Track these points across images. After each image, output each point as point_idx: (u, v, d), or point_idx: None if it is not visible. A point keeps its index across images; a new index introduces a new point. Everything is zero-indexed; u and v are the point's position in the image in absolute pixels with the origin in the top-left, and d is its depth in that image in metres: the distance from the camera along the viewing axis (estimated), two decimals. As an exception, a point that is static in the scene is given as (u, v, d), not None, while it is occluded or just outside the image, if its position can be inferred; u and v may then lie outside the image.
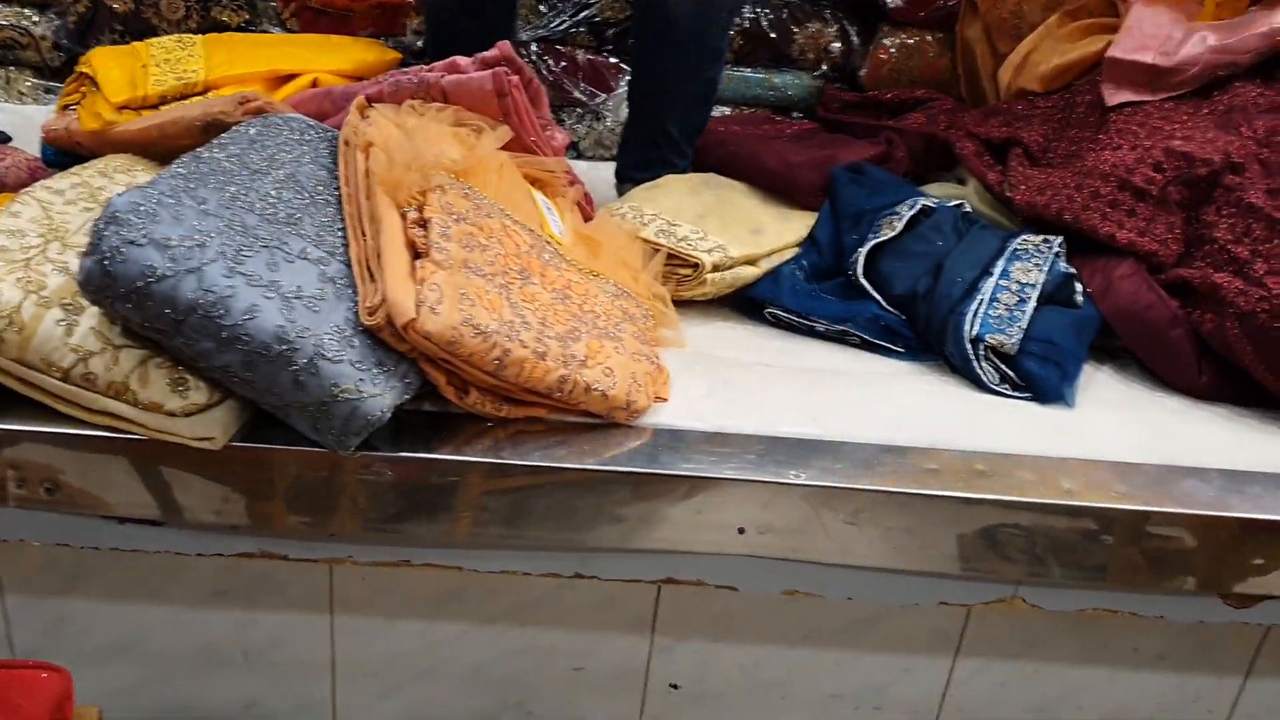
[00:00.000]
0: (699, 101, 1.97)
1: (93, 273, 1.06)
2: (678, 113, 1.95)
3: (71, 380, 1.12)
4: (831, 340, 1.59)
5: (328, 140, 1.43)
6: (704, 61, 1.92)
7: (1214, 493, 1.29)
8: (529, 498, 1.23)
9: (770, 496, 1.22)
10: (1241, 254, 1.48)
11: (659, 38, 1.88)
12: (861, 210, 1.73)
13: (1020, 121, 1.89)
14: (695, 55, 1.90)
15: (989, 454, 1.32)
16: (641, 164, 1.99)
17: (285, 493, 1.21)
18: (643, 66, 1.97)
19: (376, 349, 1.16)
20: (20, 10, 2.38)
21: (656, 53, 1.91)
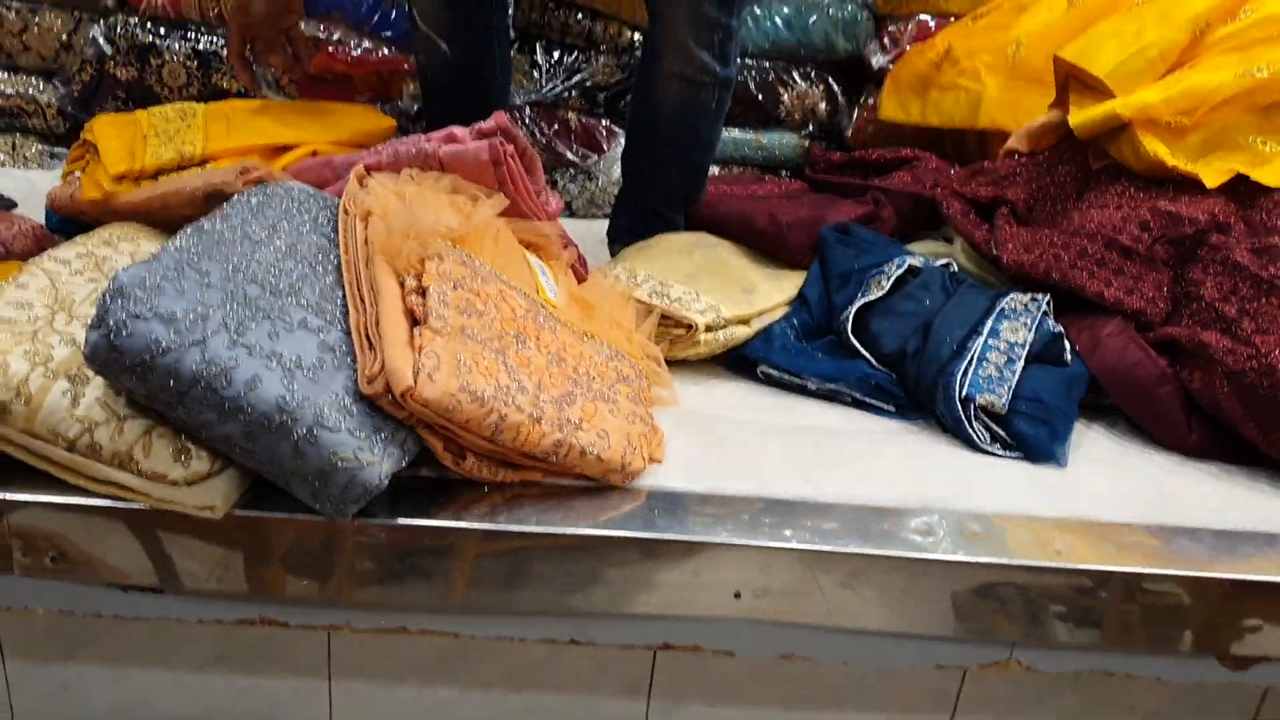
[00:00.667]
0: (688, 182, 2.02)
1: (98, 346, 1.08)
2: (665, 191, 1.99)
3: (77, 450, 1.14)
4: (823, 398, 1.61)
5: (328, 209, 1.46)
6: (693, 149, 1.97)
7: (1206, 553, 1.30)
8: (525, 563, 1.24)
9: (766, 560, 1.23)
10: (1229, 312, 1.50)
11: (648, 123, 1.92)
12: (850, 270, 1.76)
13: (1006, 180, 1.92)
14: (683, 143, 1.94)
15: (982, 514, 1.34)
16: (632, 230, 2.02)
17: (285, 560, 1.22)
18: (635, 146, 2.01)
19: (374, 416, 1.18)
20: (26, 78, 2.43)
21: (646, 136, 1.95)
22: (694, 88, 1.86)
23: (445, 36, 1.92)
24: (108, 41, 2.37)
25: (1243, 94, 1.71)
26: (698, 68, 1.83)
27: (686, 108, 1.89)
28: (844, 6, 2.34)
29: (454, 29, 1.92)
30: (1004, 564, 1.26)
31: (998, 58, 2.18)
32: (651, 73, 1.88)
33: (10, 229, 1.65)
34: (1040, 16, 2.15)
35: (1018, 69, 2.16)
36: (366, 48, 2.32)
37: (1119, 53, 1.80)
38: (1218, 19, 1.81)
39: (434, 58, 1.96)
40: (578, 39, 2.35)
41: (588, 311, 1.55)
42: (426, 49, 1.96)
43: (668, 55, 1.83)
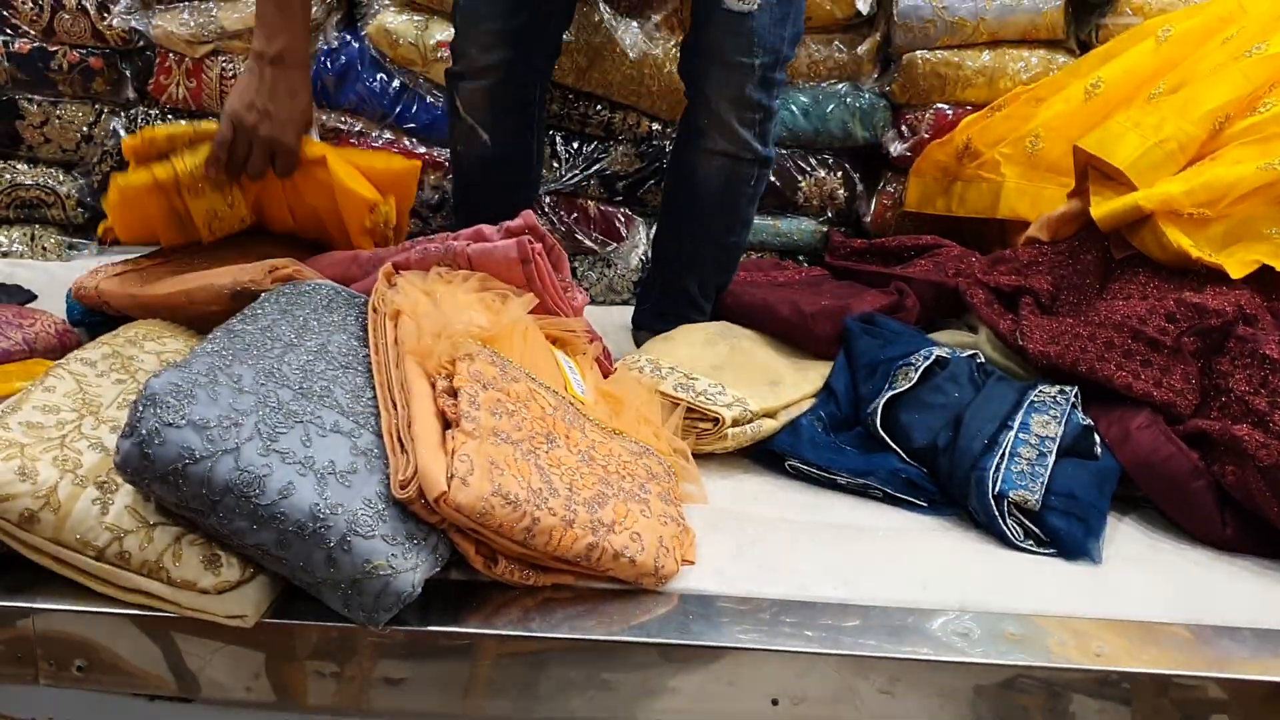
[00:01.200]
0: (722, 265, 2.03)
1: (130, 455, 1.07)
2: (699, 273, 2.00)
3: (106, 559, 1.12)
4: (854, 493, 1.59)
5: (356, 306, 1.46)
6: (730, 227, 1.98)
7: (1248, 654, 1.28)
8: (556, 669, 1.22)
9: (804, 667, 1.21)
10: (1260, 406, 1.49)
11: (687, 200, 1.94)
12: (877, 360, 1.75)
13: (1028, 269, 1.92)
14: (721, 221, 1.95)
15: (1018, 614, 1.31)
16: (659, 315, 2.02)
17: (314, 668, 1.20)
18: (669, 225, 2.03)
19: (407, 522, 1.16)
20: (46, 169, 2.45)
21: (683, 214, 1.97)
22: (735, 163, 1.90)
23: (487, 126, 1.95)
24: (128, 133, 2.40)
25: (1265, 186, 1.73)
26: (741, 145, 1.88)
27: (728, 184, 1.92)
28: (861, 96, 2.37)
29: (496, 119, 1.95)
30: (1044, 666, 1.23)
31: (1016, 149, 2.20)
32: (692, 149, 1.92)
33: (32, 326, 1.65)
34: (1057, 108, 2.17)
35: (1036, 159, 2.18)
36: (388, 139, 2.35)
37: (1139, 145, 1.81)
38: (1237, 112, 1.83)
39: (473, 147, 1.98)
40: (597, 129, 2.37)
41: (615, 407, 1.54)
42: (467, 139, 1.98)
43: (710, 133, 1.88)
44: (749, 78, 1.83)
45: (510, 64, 1.90)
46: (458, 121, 1.98)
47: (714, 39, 1.82)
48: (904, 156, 2.38)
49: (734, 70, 1.82)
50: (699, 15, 1.85)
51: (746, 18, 1.78)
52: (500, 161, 1.99)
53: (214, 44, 2.37)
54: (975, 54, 2.33)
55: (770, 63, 1.83)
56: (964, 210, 2.28)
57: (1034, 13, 2.29)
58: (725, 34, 1.80)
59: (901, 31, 2.31)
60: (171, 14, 2.35)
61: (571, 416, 1.41)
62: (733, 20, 1.79)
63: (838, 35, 2.37)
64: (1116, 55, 2.18)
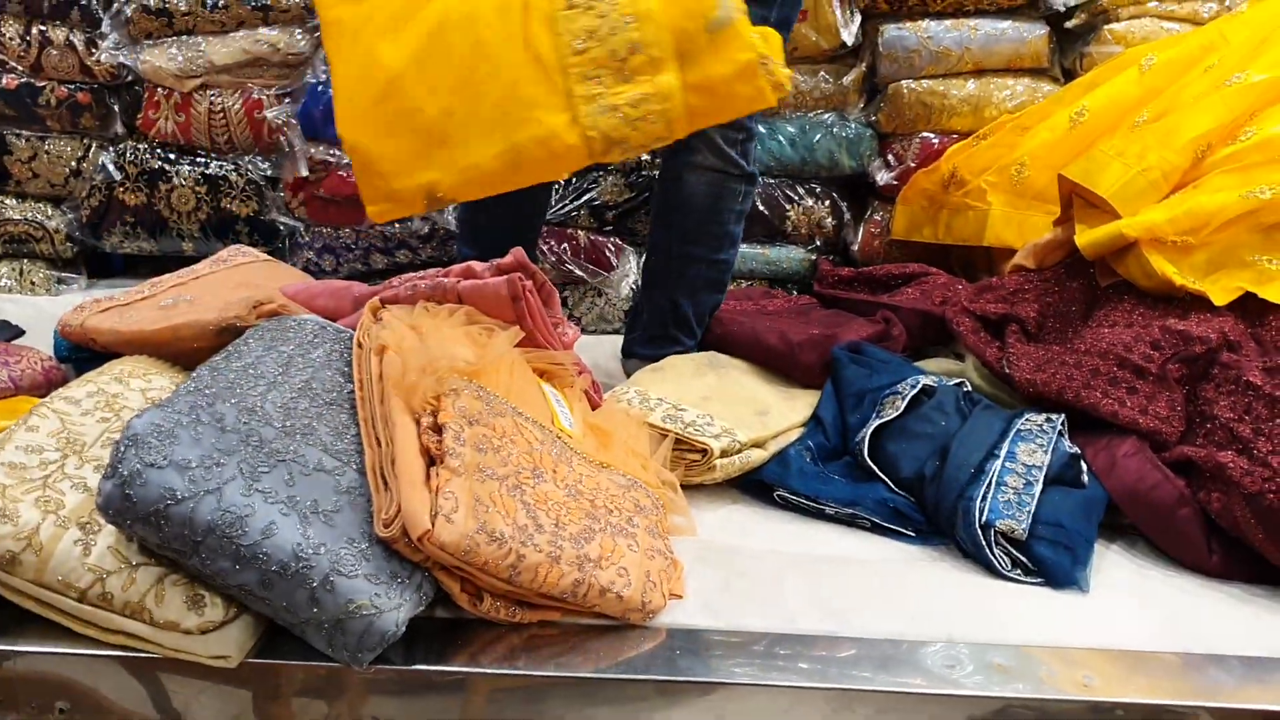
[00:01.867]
0: (711, 284, 2.04)
1: (112, 496, 1.07)
2: (690, 292, 2.01)
3: (88, 600, 1.12)
4: (842, 523, 1.59)
5: (341, 342, 1.46)
6: (719, 244, 2.00)
7: (1235, 683, 1.27)
8: (543, 706, 1.21)
9: (792, 701, 1.20)
10: (1244, 433, 1.49)
11: (678, 216, 1.95)
12: (864, 389, 1.76)
13: (1015, 296, 1.93)
14: (711, 237, 1.97)
15: (1006, 645, 1.31)
16: (649, 341, 2.03)
17: (299, 707, 1.19)
18: (659, 244, 2.04)
19: (391, 560, 1.16)
20: (35, 204, 2.45)
21: (673, 231, 1.98)
22: (724, 178, 1.94)
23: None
24: (117, 168, 2.41)
25: (1246, 214, 1.74)
26: (728, 161, 1.92)
27: (717, 199, 1.96)
28: (848, 125, 2.38)
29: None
30: (1033, 697, 1.23)
31: (1002, 177, 2.21)
32: (680, 166, 1.95)
33: (19, 363, 1.65)
34: (1042, 136, 2.19)
35: (1022, 187, 2.19)
36: (376, 171, 2.35)
37: (1123, 173, 1.83)
38: (1219, 141, 1.84)
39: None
40: (585, 160, 2.38)
41: (603, 440, 1.54)
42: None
43: (699, 150, 1.91)
44: None
45: None
46: None
47: None
48: (891, 185, 2.40)
49: None
50: None
51: None
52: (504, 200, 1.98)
53: (202, 78, 2.38)
54: (960, 83, 2.35)
55: None
56: (951, 238, 2.29)
57: (1018, 42, 2.31)
58: None
59: (887, 62, 2.33)
60: (159, 49, 2.36)
61: (558, 450, 1.41)
62: None
63: (824, 66, 2.38)
64: (1100, 84, 2.19)
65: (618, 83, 1.31)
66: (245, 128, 2.39)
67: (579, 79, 1.32)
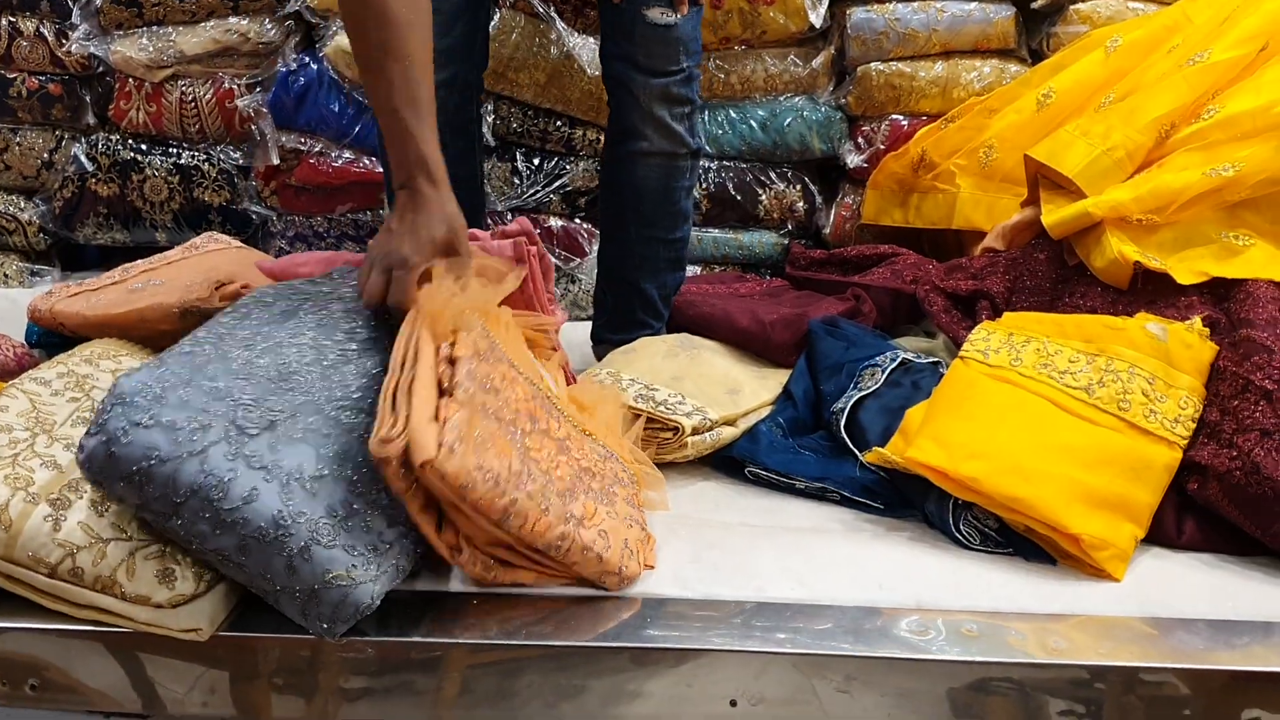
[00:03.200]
0: (672, 262, 2.06)
1: (95, 453, 1.07)
2: (653, 275, 2.02)
3: (58, 576, 1.12)
4: (812, 497, 1.60)
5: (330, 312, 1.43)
6: (675, 223, 2.02)
7: (1203, 644, 1.29)
8: (516, 676, 1.22)
9: (762, 666, 1.22)
10: (1211, 417, 1.51)
11: (630, 204, 1.98)
12: (841, 361, 1.77)
13: (984, 273, 1.95)
14: (665, 219, 2.00)
15: (976, 612, 1.32)
16: (617, 326, 2.03)
17: (272, 680, 1.20)
18: (615, 233, 2.05)
19: (369, 533, 1.16)
20: (7, 196, 2.44)
21: (628, 219, 1.99)
22: (672, 159, 1.97)
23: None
24: (89, 159, 2.40)
25: (1210, 192, 1.75)
26: (677, 141, 1.95)
27: (667, 181, 1.98)
28: (818, 109, 2.40)
29: (445, 142, 1.93)
30: (1002, 662, 1.24)
31: (970, 160, 2.23)
32: (629, 153, 1.97)
33: (-9, 349, 1.65)
34: (1010, 118, 2.20)
35: (990, 170, 2.21)
36: (348, 158, 2.36)
37: (1088, 153, 1.84)
38: (1182, 120, 1.86)
39: None
40: (557, 145, 2.39)
41: (586, 412, 1.55)
42: None
43: (647, 134, 1.94)
44: (677, 80, 1.92)
45: (450, 83, 1.90)
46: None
47: (643, 49, 1.89)
48: (861, 168, 2.41)
49: (665, 75, 1.90)
50: (621, 25, 1.90)
51: (672, 28, 1.86)
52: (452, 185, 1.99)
53: (173, 68, 2.37)
54: (929, 65, 2.36)
55: (695, 62, 1.93)
56: (921, 221, 2.31)
57: (985, 23, 2.33)
58: (654, 45, 1.88)
59: (855, 44, 2.34)
60: (130, 39, 2.36)
61: (548, 408, 1.41)
62: (659, 31, 1.86)
63: (793, 49, 2.40)
64: (1067, 66, 2.21)
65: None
66: (216, 117, 2.39)
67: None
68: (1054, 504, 1.39)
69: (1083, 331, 1.62)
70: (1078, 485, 1.42)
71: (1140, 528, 1.44)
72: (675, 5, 1.85)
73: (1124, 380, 1.53)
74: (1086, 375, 1.54)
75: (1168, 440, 1.49)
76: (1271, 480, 1.40)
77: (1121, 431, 1.49)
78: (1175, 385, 1.53)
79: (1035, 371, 1.56)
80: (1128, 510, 1.43)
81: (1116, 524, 1.42)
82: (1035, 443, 1.46)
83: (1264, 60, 1.90)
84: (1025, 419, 1.51)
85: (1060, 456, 1.45)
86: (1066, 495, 1.41)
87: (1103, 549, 1.39)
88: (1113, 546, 1.40)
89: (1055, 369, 1.56)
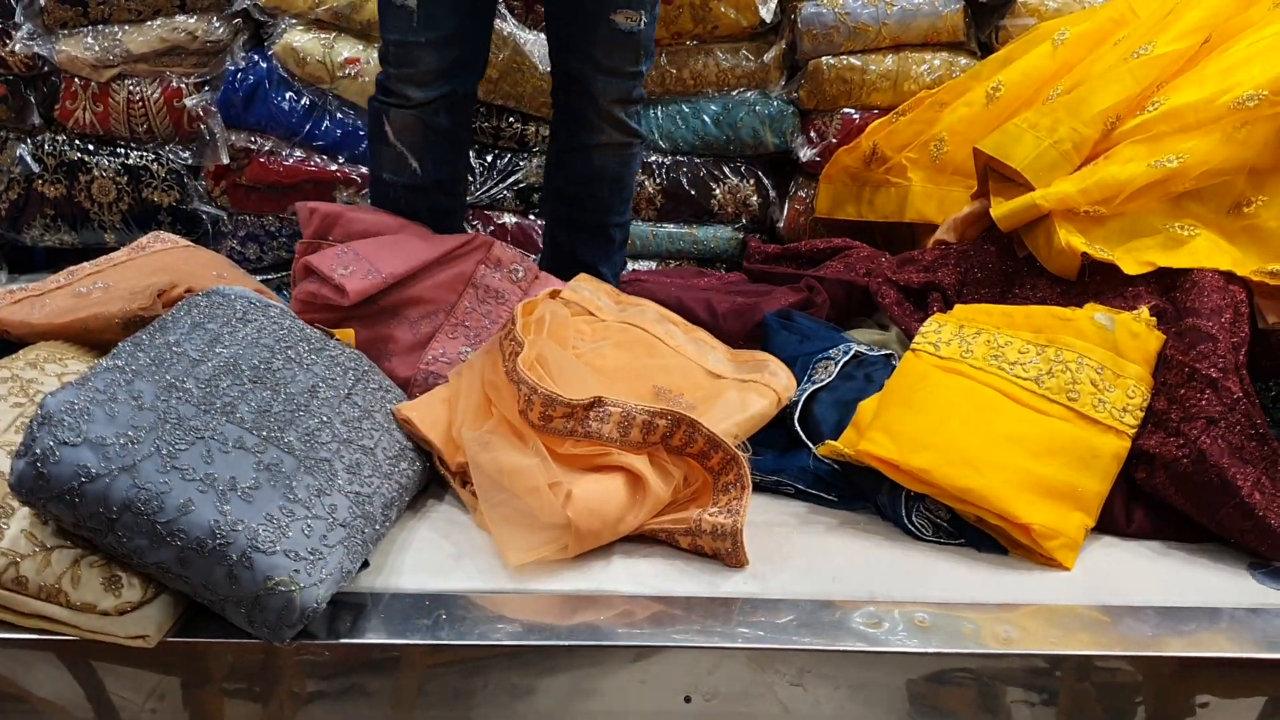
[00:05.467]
0: (622, 244, 2.17)
1: (25, 475, 1.06)
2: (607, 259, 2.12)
3: (2, 585, 1.10)
4: (766, 490, 1.60)
5: (270, 318, 1.44)
6: (625, 206, 2.12)
7: (1151, 632, 1.31)
8: (470, 676, 1.21)
9: (716, 661, 1.22)
10: (1159, 405, 1.53)
11: (588, 193, 2.06)
12: (795, 355, 1.78)
13: (935, 265, 1.96)
14: (620, 203, 2.09)
15: (927, 603, 1.34)
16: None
17: (226, 686, 1.19)
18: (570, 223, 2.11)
19: (310, 538, 1.16)
20: (-49, 199, 2.40)
21: (586, 208, 2.07)
22: (627, 149, 2.04)
23: (418, 153, 1.95)
24: (35, 160, 2.37)
25: (1156, 183, 1.77)
26: (630, 133, 2.02)
27: (624, 167, 2.06)
28: (770, 103, 2.40)
29: (429, 145, 1.96)
30: (955, 653, 1.26)
31: (921, 153, 2.24)
32: (584, 145, 2.01)
33: (-66, 354, 1.62)
34: (960, 112, 2.22)
35: (941, 163, 2.22)
36: (299, 157, 2.33)
37: (1035, 146, 1.86)
38: (1127, 112, 1.88)
39: (401, 174, 1.98)
40: (510, 142, 2.38)
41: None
42: (395, 165, 1.97)
43: (604, 129, 1.99)
44: (635, 82, 1.97)
45: (446, 96, 1.92)
46: (384, 148, 1.96)
47: (605, 52, 1.92)
48: (814, 161, 2.42)
49: (624, 77, 1.95)
50: (583, 25, 1.91)
51: (635, 34, 1.90)
52: (431, 188, 2.00)
53: (119, 68, 2.34)
54: (879, 58, 2.37)
55: (650, 63, 1.98)
56: (873, 214, 2.32)
57: (934, 16, 2.34)
58: (615, 48, 1.91)
59: (806, 38, 2.35)
60: (75, 38, 2.32)
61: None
62: (623, 36, 1.89)
63: (744, 44, 2.40)
64: (1015, 59, 2.23)
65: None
66: (165, 117, 2.36)
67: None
68: (1004, 494, 1.41)
69: (1032, 323, 1.64)
70: (1027, 475, 1.44)
71: (1090, 516, 1.46)
72: (645, 8, 1.88)
73: (1073, 370, 1.54)
74: (1036, 366, 1.56)
75: (1116, 429, 1.50)
76: (1217, 468, 1.42)
77: (1070, 421, 1.51)
78: (1123, 375, 1.55)
79: (986, 363, 1.58)
80: (1077, 499, 1.45)
81: (1066, 513, 1.44)
82: (985, 434, 1.48)
83: (1207, 53, 1.92)
84: (975, 410, 1.52)
85: (1010, 447, 1.46)
86: (1016, 485, 1.42)
87: (1053, 538, 1.41)
88: (1063, 535, 1.42)
89: (1005, 360, 1.58)
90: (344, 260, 1.69)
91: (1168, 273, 1.75)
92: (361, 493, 1.27)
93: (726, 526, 1.35)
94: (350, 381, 1.45)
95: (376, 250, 1.74)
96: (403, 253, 1.76)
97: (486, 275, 1.84)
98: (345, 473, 1.28)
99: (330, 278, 1.66)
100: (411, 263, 1.75)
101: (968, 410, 1.52)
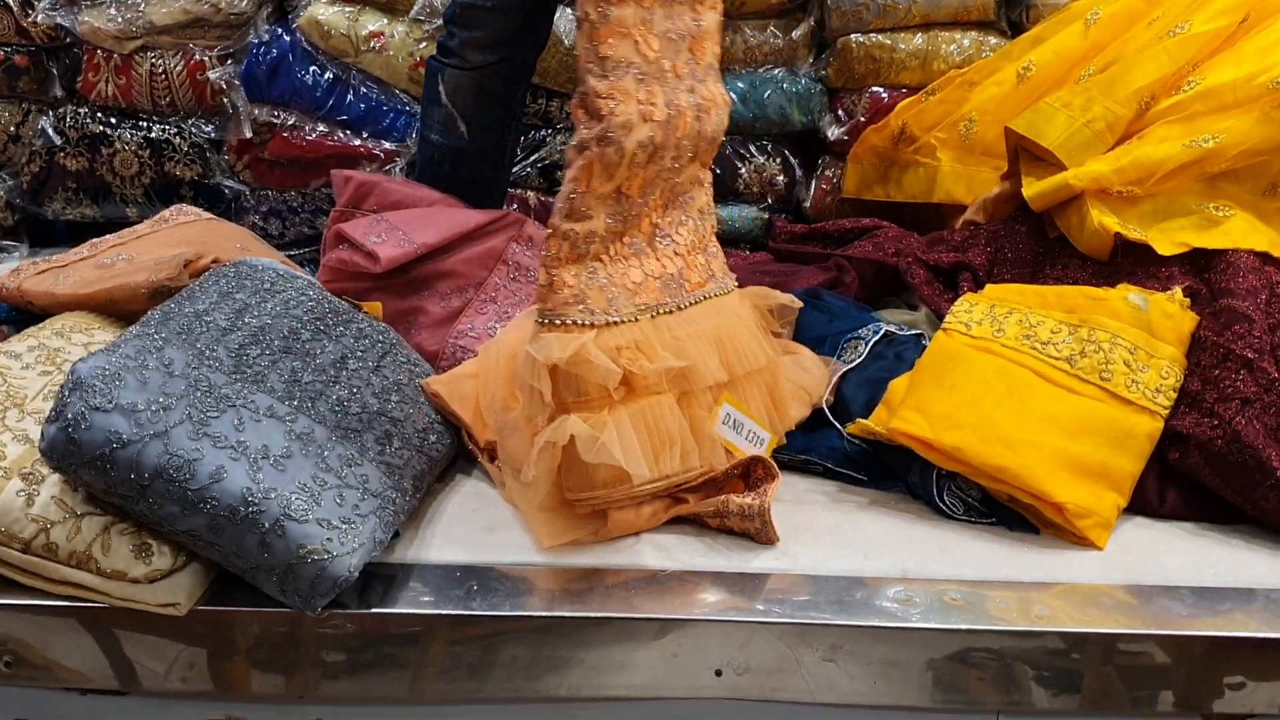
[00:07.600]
0: None
1: (56, 440, 1.05)
2: None
3: (32, 551, 1.10)
4: (795, 469, 1.59)
5: (297, 290, 1.43)
6: None
7: (1186, 611, 1.30)
8: (498, 648, 1.21)
9: (747, 636, 1.21)
10: (1193, 387, 1.51)
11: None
12: (824, 334, 1.77)
13: (966, 245, 1.94)
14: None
15: (960, 580, 1.33)
16: None
17: (251, 655, 1.19)
18: None
19: (343, 506, 1.15)
20: (-27, 172, 2.40)
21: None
22: None
23: (468, 116, 1.95)
24: (57, 132, 2.36)
25: (1191, 163, 1.75)
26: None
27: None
28: (797, 81, 2.38)
29: (481, 110, 1.95)
30: (986, 630, 1.25)
31: (951, 133, 2.22)
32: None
33: (-40, 325, 1.62)
34: (990, 91, 2.19)
35: (971, 143, 2.20)
36: (322, 131, 2.32)
37: (1068, 125, 1.84)
38: (1162, 92, 1.86)
39: (449, 137, 1.98)
40: (535, 118, 2.37)
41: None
42: (444, 127, 1.97)
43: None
44: None
45: (506, 60, 1.93)
46: (436, 108, 1.97)
47: None
48: (841, 140, 2.39)
49: None
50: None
51: None
52: (475, 154, 1.99)
53: (142, 39, 2.32)
54: (908, 37, 2.35)
55: None
56: (901, 195, 2.30)
57: (964, -6, 2.32)
58: None
59: (835, 16, 2.32)
60: (98, 9, 2.31)
61: None
62: None
63: (772, 21, 2.38)
64: (1047, 38, 2.20)
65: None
66: (188, 90, 2.35)
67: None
68: (1037, 473, 1.39)
69: (1064, 302, 1.62)
70: (1061, 454, 1.42)
71: (1123, 496, 1.45)
72: None
73: (1106, 350, 1.53)
74: (1069, 346, 1.54)
75: (1149, 410, 1.49)
76: (1252, 448, 1.41)
77: (1104, 401, 1.49)
78: (1157, 355, 1.53)
79: (1018, 342, 1.56)
80: (1110, 479, 1.44)
81: (1099, 493, 1.42)
82: (1019, 413, 1.46)
83: (1245, 31, 1.90)
84: (1008, 389, 1.50)
85: (1043, 426, 1.45)
86: (1050, 464, 1.41)
87: (1086, 517, 1.40)
88: (1096, 515, 1.41)
89: (1038, 340, 1.56)
90: (377, 229, 1.68)
91: (1201, 254, 1.74)
92: (392, 464, 1.27)
93: (754, 507, 1.34)
94: (378, 354, 1.44)
95: (410, 221, 1.73)
96: (435, 225, 1.76)
97: (518, 252, 1.83)
98: (376, 444, 1.27)
99: (363, 245, 1.65)
100: (444, 234, 1.74)
101: (1000, 389, 1.50)
